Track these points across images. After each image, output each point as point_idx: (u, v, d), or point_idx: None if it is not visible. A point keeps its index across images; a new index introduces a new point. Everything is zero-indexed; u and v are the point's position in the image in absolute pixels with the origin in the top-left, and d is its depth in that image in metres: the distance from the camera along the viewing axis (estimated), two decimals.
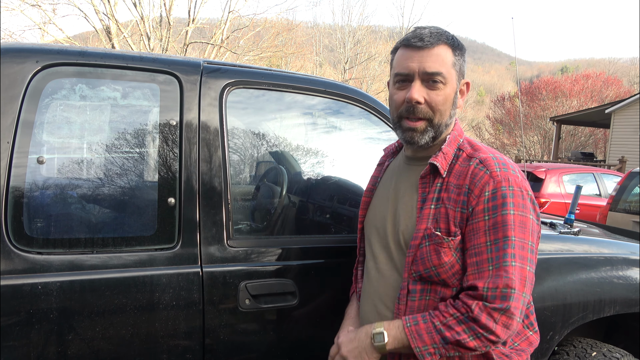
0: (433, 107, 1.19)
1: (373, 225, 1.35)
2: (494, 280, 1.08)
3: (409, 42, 1.19)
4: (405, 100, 1.19)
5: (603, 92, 29.45)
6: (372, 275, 1.33)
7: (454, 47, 1.21)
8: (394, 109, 1.24)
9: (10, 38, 12.48)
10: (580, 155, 18.01)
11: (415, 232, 1.20)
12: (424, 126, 1.20)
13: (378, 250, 1.32)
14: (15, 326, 1.23)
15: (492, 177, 1.14)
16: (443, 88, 1.18)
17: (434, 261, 1.17)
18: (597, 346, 1.94)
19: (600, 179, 7.97)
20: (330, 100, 1.73)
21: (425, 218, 1.19)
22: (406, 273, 1.21)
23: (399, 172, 1.35)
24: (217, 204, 1.46)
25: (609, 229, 2.81)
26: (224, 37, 15.63)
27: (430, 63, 1.17)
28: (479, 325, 1.08)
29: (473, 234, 1.14)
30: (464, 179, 1.17)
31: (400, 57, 1.22)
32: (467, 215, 1.15)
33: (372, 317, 1.30)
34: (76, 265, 1.31)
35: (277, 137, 1.86)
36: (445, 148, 1.23)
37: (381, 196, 1.36)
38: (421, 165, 1.27)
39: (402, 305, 1.22)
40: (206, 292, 1.41)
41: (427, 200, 1.21)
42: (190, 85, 1.48)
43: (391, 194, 1.32)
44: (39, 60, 1.33)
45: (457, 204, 1.16)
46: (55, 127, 1.38)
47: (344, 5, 73.75)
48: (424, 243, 1.18)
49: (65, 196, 1.38)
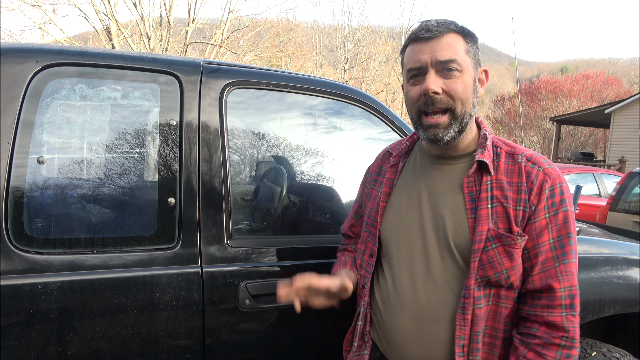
0: (453, 95, 1.11)
1: (399, 232, 1.22)
2: (564, 279, 1.10)
3: (417, 35, 1.14)
4: (421, 94, 1.12)
5: (603, 92, 29.46)
6: (405, 287, 1.19)
7: (465, 35, 1.14)
8: (411, 105, 1.17)
9: (10, 38, 12.48)
10: (580, 155, 18.01)
11: (477, 234, 1.11)
12: (447, 120, 1.12)
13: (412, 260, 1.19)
14: (15, 326, 1.23)
15: (546, 174, 1.13)
16: (460, 76, 1.11)
17: (505, 264, 1.10)
18: (597, 346, 1.94)
19: (600, 179, 7.97)
20: (330, 100, 1.73)
21: (485, 219, 1.12)
22: (472, 280, 1.11)
23: (425, 173, 1.24)
24: (217, 204, 1.46)
25: (609, 229, 2.81)
26: (224, 37, 15.63)
27: (441, 52, 1.10)
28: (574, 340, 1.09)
29: (537, 233, 1.11)
30: (517, 176, 1.14)
31: (410, 53, 1.16)
32: (529, 214, 1.11)
33: (413, 334, 1.17)
34: (76, 265, 1.31)
35: (277, 138, 1.87)
36: (487, 144, 1.18)
37: (405, 201, 1.24)
38: (455, 163, 1.20)
39: (468, 314, 1.11)
40: (206, 292, 1.41)
41: (480, 200, 1.13)
42: (190, 85, 1.48)
43: (423, 198, 1.21)
44: (39, 60, 1.33)
45: (518, 203, 1.12)
46: (55, 127, 1.38)
47: (344, 5, 73.72)
48: (490, 246, 1.10)
49: (66, 196, 1.38)
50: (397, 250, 1.22)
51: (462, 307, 1.12)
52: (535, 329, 1.10)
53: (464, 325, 1.12)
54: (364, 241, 1.33)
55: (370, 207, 1.32)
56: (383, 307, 1.24)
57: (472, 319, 1.11)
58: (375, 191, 1.34)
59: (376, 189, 1.34)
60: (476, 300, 1.11)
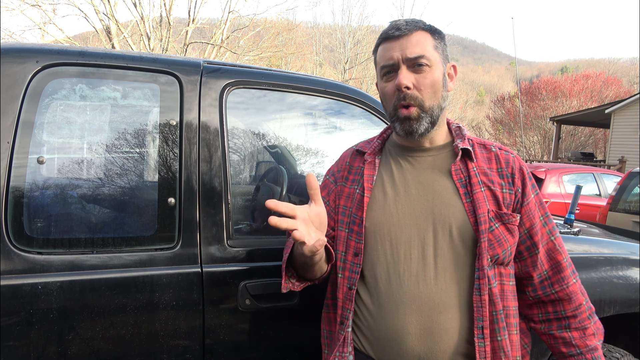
0: (422, 90, 1.18)
1: (391, 226, 1.22)
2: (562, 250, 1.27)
3: (387, 34, 1.21)
4: (395, 89, 1.19)
5: (603, 92, 29.46)
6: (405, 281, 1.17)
7: (432, 32, 1.21)
8: (388, 101, 1.23)
9: (10, 38, 12.48)
10: (580, 155, 18.01)
11: (480, 216, 1.17)
12: (416, 113, 1.19)
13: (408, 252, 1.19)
14: (15, 326, 1.23)
15: (520, 161, 1.27)
16: (429, 71, 1.18)
17: (510, 240, 1.20)
18: None
19: (600, 179, 7.97)
20: (330, 100, 1.73)
21: (483, 201, 1.19)
22: (484, 260, 1.15)
23: (408, 166, 1.27)
24: (217, 204, 1.46)
25: (609, 229, 2.81)
26: (224, 37, 15.63)
27: (411, 48, 1.17)
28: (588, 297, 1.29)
29: (532, 213, 1.24)
30: (495, 163, 1.25)
31: (382, 51, 1.22)
32: (519, 197, 1.23)
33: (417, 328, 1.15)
34: (76, 265, 1.31)
35: (277, 137, 1.86)
36: (465, 134, 1.28)
37: (391, 195, 1.24)
38: (435, 155, 1.26)
39: (485, 295, 1.14)
40: (206, 292, 1.41)
41: (472, 185, 1.20)
42: (190, 85, 1.48)
43: (411, 190, 1.23)
44: (39, 60, 1.33)
45: (503, 187, 1.22)
46: (55, 127, 1.38)
47: (344, 5, 73.83)
48: (494, 225, 1.18)
49: (66, 196, 1.38)
50: (391, 245, 1.20)
51: (477, 288, 1.15)
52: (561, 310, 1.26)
53: (481, 307, 1.14)
54: (343, 241, 1.27)
55: (346, 206, 1.28)
56: (376, 306, 1.20)
57: (489, 298, 1.15)
58: (349, 189, 1.30)
59: (350, 186, 1.30)
60: (490, 279, 1.16)
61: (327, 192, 1.35)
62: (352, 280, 1.23)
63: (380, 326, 1.18)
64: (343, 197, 1.31)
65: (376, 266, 1.21)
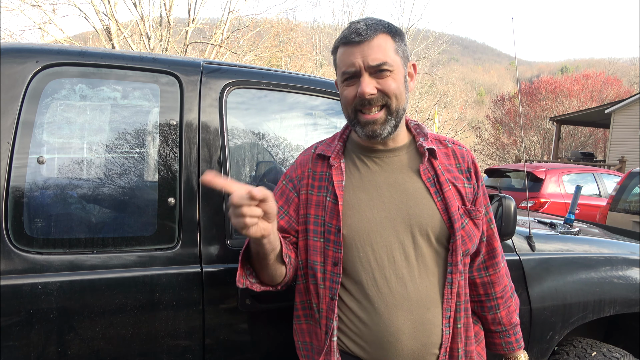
0: (387, 93, 1.17)
1: (370, 231, 1.21)
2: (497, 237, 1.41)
3: (347, 39, 1.18)
4: (357, 96, 1.18)
5: (603, 92, 29.45)
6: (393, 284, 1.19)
7: (393, 34, 1.20)
8: (347, 105, 1.22)
9: (10, 38, 12.47)
10: (580, 155, 18.00)
11: (453, 214, 1.21)
12: (384, 116, 1.19)
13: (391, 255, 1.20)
14: (15, 326, 1.23)
15: (469, 154, 1.35)
16: (391, 75, 1.18)
17: (477, 234, 1.29)
18: (597, 346, 1.94)
19: (600, 179, 7.97)
20: (331, 100, 1.73)
21: (453, 199, 1.23)
22: (459, 256, 1.21)
23: (375, 168, 1.26)
24: (217, 204, 1.46)
25: (609, 229, 2.81)
26: (224, 37, 15.63)
27: (373, 55, 1.16)
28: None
29: (481, 204, 1.33)
30: (453, 159, 1.31)
31: (342, 56, 1.20)
32: (476, 190, 1.31)
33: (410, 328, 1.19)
34: (76, 265, 1.31)
35: (277, 138, 1.86)
36: (427, 132, 1.32)
37: (365, 199, 1.23)
38: (399, 155, 1.27)
39: (455, 288, 1.22)
40: (206, 292, 1.41)
41: (441, 183, 1.24)
42: (190, 85, 1.48)
43: (384, 192, 1.23)
44: (39, 60, 1.33)
45: (464, 182, 1.29)
46: (55, 127, 1.38)
47: (344, 5, 73.86)
48: (464, 222, 1.24)
49: (65, 196, 1.38)
50: (372, 250, 1.20)
51: (449, 282, 1.22)
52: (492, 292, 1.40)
53: (450, 298, 1.22)
54: (320, 251, 1.23)
55: (318, 215, 1.24)
56: (366, 312, 1.20)
57: (456, 290, 1.23)
58: (317, 197, 1.26)
59: (318, 194, 1.26)
60: (460, 273, 1.24)
61: (286, 200, 1.30)
62: (334, 290, 1.22)
63: (374, 330, 1.19)
64: (312, 206, 1.26)
65: (360, 273, 1.20)
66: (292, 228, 1.29)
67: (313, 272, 1.25)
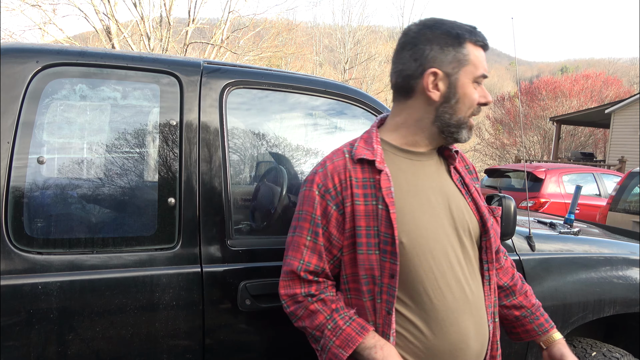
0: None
1: (428, 239, 1.17)
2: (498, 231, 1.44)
3: (484, 42, 1.18)
4: (481, 102, 1.19)
5: (603, 92, 29.44)
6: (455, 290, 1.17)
7: None
8: (470, 106, 1.18)
9: (10, 38, 12.47)
10: (580, 155, 18.00)
11: (483, 213, 1.26)
12: None
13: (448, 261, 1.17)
14: (15, 326, 1.23)
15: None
16: None
17: (499, 231, 1.37)
18: (597, 346, 1.94)
19: (600, 179, 7.97)
20: (331, 100, 1.73)
21: (478, 199, 1.28)
22: (493, 253, 1.27)
23: (415, 172, 1.22)
24: (217, 204, 1.46)
25: (609, 229, 2.81)
26: (224, 37, 15.63)
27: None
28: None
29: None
30: (461, 161, 1.35)
31: (479, 57, 1.17)
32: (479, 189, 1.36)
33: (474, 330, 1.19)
34: (76, 265, 1.31)
35: (277, 137, 1.86)
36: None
37: (416, 205, 1.18)
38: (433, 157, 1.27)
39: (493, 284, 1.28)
40: (206, 292, 1.41)
41: (467, 184, 1.29)
42: (190, 85, 1.48)
43: (431, 197, 1.20)
44: (39, 60, 1.33)
45: (475, 182, 1.35)
46: (55, 128, 1.38)
47: (344, 5, 73.75)
48: (491, 219, 1.29)
49: (66, 196, 1.38)
50: (433, 258, 1.16)
51: (487, 279, 1.26)
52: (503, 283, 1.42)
53: (490, 295, 1.26)
54: (376, 265, 1.15)
55: (369, 226, 1.16)
56: (430, 323, 1.15)
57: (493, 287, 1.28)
58: (365, 206, 1.16)
59: (365, 203, 1.16)
60: (494, 269, 1.28)
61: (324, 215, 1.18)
62: (390, 304, 1.15)
63: (443, 341, 1.15)
64: (361, 217, 1.16)
65: (424, 282, 1.15)
66: (334, 247, 1.19)
67: (367, 287, 1.17)
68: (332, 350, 1.13)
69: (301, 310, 1.19)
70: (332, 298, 1.19)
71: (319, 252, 1.18)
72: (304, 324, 1.20)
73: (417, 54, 1.15)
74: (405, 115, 1.22)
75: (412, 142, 1.23)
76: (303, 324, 1.20)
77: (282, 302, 1.23)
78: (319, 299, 1.18)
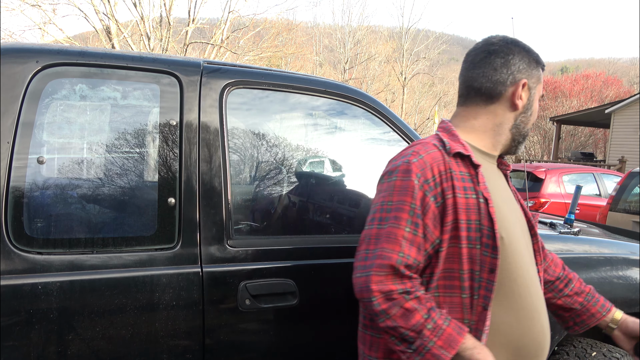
0: None
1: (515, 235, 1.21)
2: None
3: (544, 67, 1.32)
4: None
5: (603, 92, 29.46)
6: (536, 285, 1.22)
7: None
8: (532, 121, 1.32)
9: (10, 38, 12.47)
10: (580, 155, 18.01)
11: (530, 218, 1.33)
12: None
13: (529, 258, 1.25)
14: (15, 326, 1.23)
15: None
16: None
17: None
18: (597, 346, 1.94)
19: (600, 179, 7.97)
20: (331, 100, 1.73)
21: (523, 202, 1.37)
22: (541, 256, 1.34)
23: (496, 175, 1.31)
24: (217, 204, 1.46)
25: (609, 229, 2.80)
26: (224, 37, 15.63)
27: None
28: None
29: None
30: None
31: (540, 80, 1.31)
32: None
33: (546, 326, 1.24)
34: (76, 265, 1.31)
35: (277, 138, 1.86)
36: None
37: (500, 203, 1.21)
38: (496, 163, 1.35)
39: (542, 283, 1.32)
40: (206, 292, 1.41)
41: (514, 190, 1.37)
42: (190, 85, 1.48)
43: (505, 196, 1.28)
44: (39, 60, 1.33)
45: None
46: (55, 127, 1.38)
47: (344, 5, 73.70)
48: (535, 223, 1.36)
49: (65, 196, 1.38)
50: (521, 254, 1.20)
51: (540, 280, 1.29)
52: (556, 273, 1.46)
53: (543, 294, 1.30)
54: (476, 259, 1.14)
55: (470, 219, 1.14)
56: (521, 319, 1.17)
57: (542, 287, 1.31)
58: (465, 199, 1.15)
59: (466, 196, 1.15)
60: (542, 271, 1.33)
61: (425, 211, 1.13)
62: (487, 300, 1.14)
63: (529, 337, 1.18)
64: (462, 210, 1.14)
65: (516, 279, 1.17)
66: (428, 241, 1.14)
67: (468, 284, 1.15)
68: (433, 351, 1.07)
69: (395, 308, 1.08)
70: (427, 296, 1.12)
71: (418, 244, 1.12)
72: (395, 323, 1.08)
73: (509, 63, 1.24)
74: (484, 119, 1.27)
75: (489, 145, 1.28)
76: (394, 324, 1.08)
77: (371, 299, 1.09)
78: (415, 297, 1.09)
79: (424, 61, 30.86)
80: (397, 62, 30.34)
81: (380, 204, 1.15)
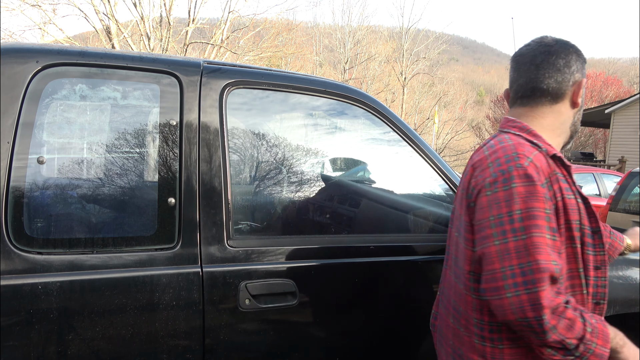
0: None
1: None
2: None
3: None
4: None
5: (603, 92, 29.47)
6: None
7: None
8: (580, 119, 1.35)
9: (10, 38, 12.47)
10: (580, 155, 18.00)
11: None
12: None
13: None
14: (15, 326, 1.23)
15: None
16: None
17: None
18: None
19: (600, 179, 7.98)
20: (332, 100, 1.73)
21: None
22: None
23: None
24: (217, 204, 1.46)
25: None
26: (224, 37, 15.62)
27: None
28: None
29: None
30: None
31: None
32: None
33: None
34: (76, 265, 1.31)
35: (277, 138, 1.86)
36: None
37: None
38: None
39: None
40: (206, 292, 1.41)
41: None
42: (190, 85, 1.48)
43: None
44: (39, 60, 1.33)
45: None
46: (55, 127, 1.38)
47: (344, 5, 73.75)
48: None
49: (65, 196, 1.38)
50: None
51: None
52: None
53: None
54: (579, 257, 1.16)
55: (577, 220, 1.16)
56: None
57: None
58: (569, 200, 1.16)
59: (568, 197, 1.16)
60: None
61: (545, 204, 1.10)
62: (600, 295, 1.19)
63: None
64: (572, 211, 1.16)
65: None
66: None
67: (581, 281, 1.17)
68: (596, 352, 1.06)
69: (562, 321, 1.04)
70: (573, 299, 1.10)
71: (558, 249, 1.10)
72: (562, 337, 1.04)
73: (569, 63, 1.28)
74: (552, 118, 1.29)
75: (555, 143, 1.30)
76: (560, 337, 1.04)
77: (542, 317, 1.02)
78: (571, 305, 1.07)
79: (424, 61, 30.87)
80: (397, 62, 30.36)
81: (506, 214, 1.08)
